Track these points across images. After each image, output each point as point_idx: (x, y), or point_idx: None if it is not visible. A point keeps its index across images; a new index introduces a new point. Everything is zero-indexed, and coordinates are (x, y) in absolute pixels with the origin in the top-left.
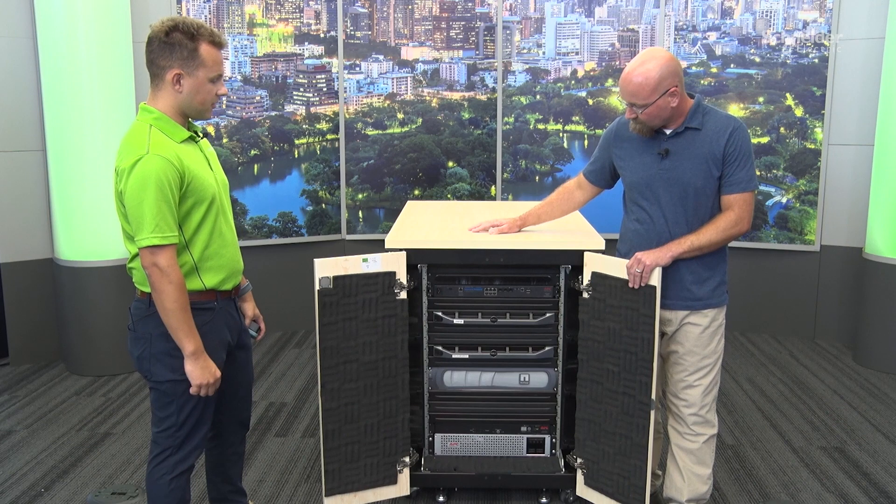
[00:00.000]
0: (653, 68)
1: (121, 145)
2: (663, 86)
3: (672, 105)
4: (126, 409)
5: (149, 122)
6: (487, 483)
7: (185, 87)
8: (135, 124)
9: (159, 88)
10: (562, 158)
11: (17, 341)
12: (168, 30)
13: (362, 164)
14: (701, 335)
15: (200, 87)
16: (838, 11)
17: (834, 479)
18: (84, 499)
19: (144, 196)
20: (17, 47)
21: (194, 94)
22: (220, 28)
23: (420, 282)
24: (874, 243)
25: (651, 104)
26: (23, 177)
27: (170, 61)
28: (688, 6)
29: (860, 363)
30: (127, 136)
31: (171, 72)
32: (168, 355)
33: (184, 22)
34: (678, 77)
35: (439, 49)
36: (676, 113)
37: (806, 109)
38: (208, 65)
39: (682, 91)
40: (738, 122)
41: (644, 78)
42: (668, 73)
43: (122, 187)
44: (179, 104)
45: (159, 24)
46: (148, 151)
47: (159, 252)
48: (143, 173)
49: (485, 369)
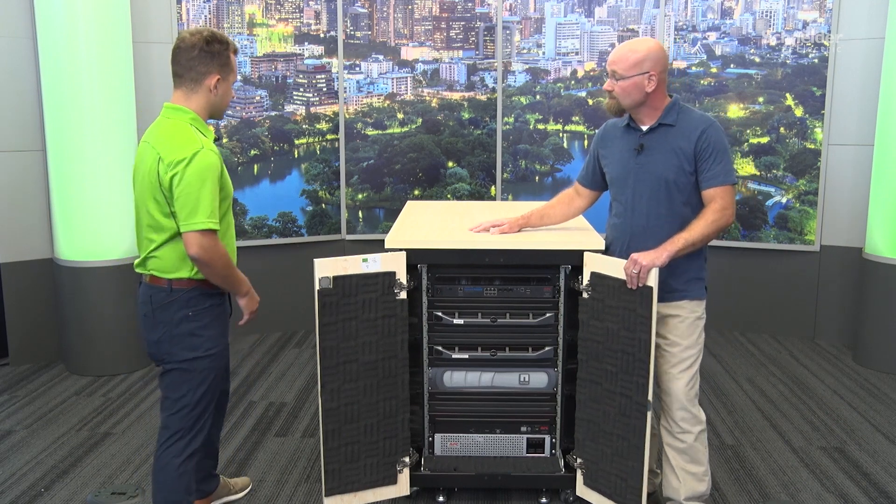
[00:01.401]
0: (642, 47)
1: (165, 140)
2: (644, 66)
3: (646, 90)
4: (126, 409)
5: (187, 121)
6: (487, 483)
7: (220, 91)
8: (174, 122)
9: (194, 91)
10: (562, 158)
11: (17, 341)
12: (208, 39)
13: (362, 164)
14: (680, 325)
15: (228, 91)
16: (838, 11)
17: (834, 479)
18: (84, 499)
19: (203, 186)
20: (17, 47)
21: (223, 97)
22: (221, 28)
23: (420, 282)
24: (874, 243)
25: (628, 78)
26: (23, 177)
27: (210, 67)
28: (688, 6)
29: (860, 363)
30: (170, 132)
31: (212, 77)
32: (190, 335)
33: (217, 33)
34: (661, 67)
35: (439, 49)
36: (651, 106)
37: (806, 109)
38: (234, 71)
39: (662, 84)
40: (711, 120)
41: (631, 51)
42: (653, 58)
43: (177, 177)
44: (210, 105)
45: (196, 34)
46: (203, 147)
47: (211, 234)
48: (203, 165)
49: (485, 369)
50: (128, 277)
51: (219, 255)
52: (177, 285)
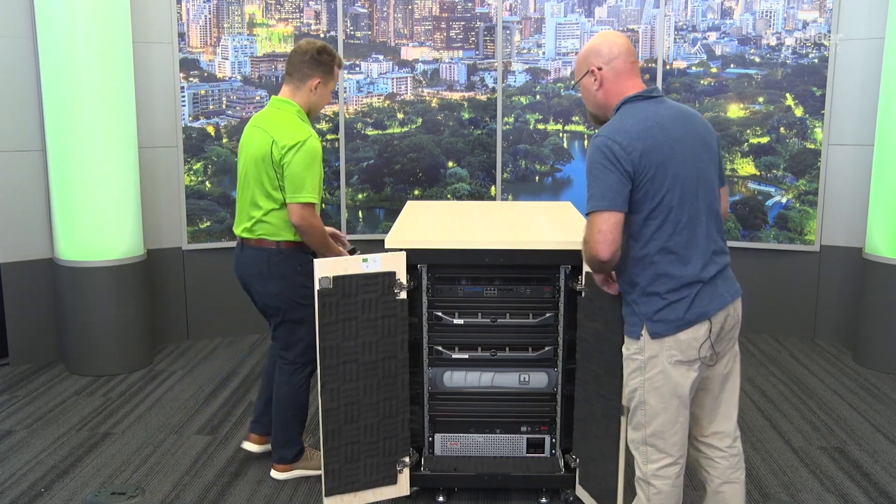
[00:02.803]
0: (586, 44)
1: (278, 127)
2: (586, 63)
3: (594, 90)
4: (126, 409)
5: (293, 112)
6: (487, 483)
7: (318, 93)
8: (283, 112)
9: (299, 89)
10: (562, 158)
11: (17, 341)
12: (320, 50)
13: (362, 164)
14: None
15: (325, 95)
16: (838, 11)
17: (834, 479)
18: (84, 499)
19: (309, 167)
20: (17, 47)
21: (320, 99)
22: (220, 28)
23: (420, 282)
24: (874, 243)
25: (579, 84)
26: (23, 177)
27: (315, 72)
28: (688, 6)
29: (860, 363)
30: (282, 120)
31: (314, 80)
32: (302, 286)
33: (328, 47)
34: (607, 58)
35: (439, 49)
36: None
37: (806, 109)
38: (336, 80)
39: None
40: (599, 134)
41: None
42: (592, 52)
43: (288, 158)
44: (310, 104)
45: (311, 44)
46: (311, 135)
47: (310, 207)
48: (311, 149)
49: (485, 369)
50: (128, 277)
51: (314, 225)
52: (284, 246)
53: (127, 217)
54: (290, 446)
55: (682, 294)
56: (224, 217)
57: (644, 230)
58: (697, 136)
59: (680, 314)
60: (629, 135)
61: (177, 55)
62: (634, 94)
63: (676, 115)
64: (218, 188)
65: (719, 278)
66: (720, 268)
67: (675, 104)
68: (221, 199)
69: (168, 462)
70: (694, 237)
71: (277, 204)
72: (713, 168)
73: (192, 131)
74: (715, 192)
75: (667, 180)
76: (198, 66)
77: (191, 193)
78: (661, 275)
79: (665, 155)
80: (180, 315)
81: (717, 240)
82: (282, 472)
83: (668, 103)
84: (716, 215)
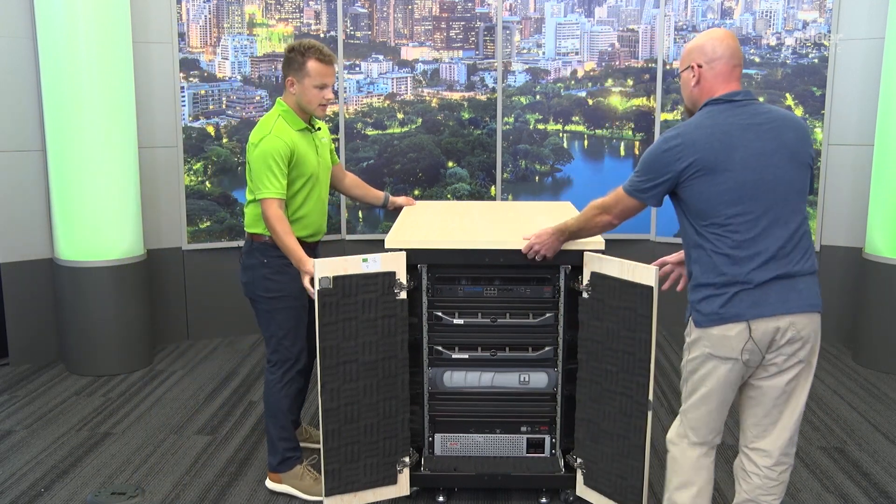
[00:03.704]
0: (695, 38)
1: (257, 125)
2: (689, 58)
3: (691, 85)
4: (126, 409)
5: (278, 112)
6: (487, 483)
7: (296, 91)
8: (271, 112)
9: (286, 90)
10: (562, 158)
11: (17, 341)
12: (288, 48)
13: (362, 164)
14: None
15: (307, 92)
16: (838, 11)
17: (834, 479)
18: (84, 499)
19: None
20: (17, 47)
21: (303, 97)
22: (220, 28)
23: (420, 282)
24: (874, 243)
25: (679, 75)
26: (23, 177)
27: (287, 71)
28: (688, 6)
29: (860, 363)
30: (263, 120)
31: (288, 79)
32: (266, 279)
33: (301, 43)
34: (711, 58)
35: (439, 49)
36: (696, 103)
37: (806, 109)
38: (312, 75)
39: (713, 80)
40: (672, 128)
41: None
42: (697, 49)
43: (248, 156)
44: (296, 102)
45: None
46: (270, 133)
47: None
48: (265, 148)
49: (485, 369)
50: (128, 277)
51: (269, 218)
52: (255, 238)
53: (127, 217)
54: (272, 452)
55: (721, 291)
56: (224, 217)
57: (703, 229)
58: (779, 144)
59: (715, 308)
60: (689, 137)
61: (177, 55)
62: (717, 98)
63: (754, 122)
64: (218, 188)
65: (775, 285)
66: (776, 275)
67: (765, 110)
68: (221, 199)
69: (168, 462)
70: (753, 242)
71: (251, 197)
72: (797, 176)
73: (192, 131)
74: (791, 200)
75: (721, 185)
76: (198, 66)
77: (191, 193)
78: (710, 270)
79: (720, 161)
80: (180, 315)
81: (786, 248)
82: (273, 481)
83: (752, 109)
84: (788, 224)
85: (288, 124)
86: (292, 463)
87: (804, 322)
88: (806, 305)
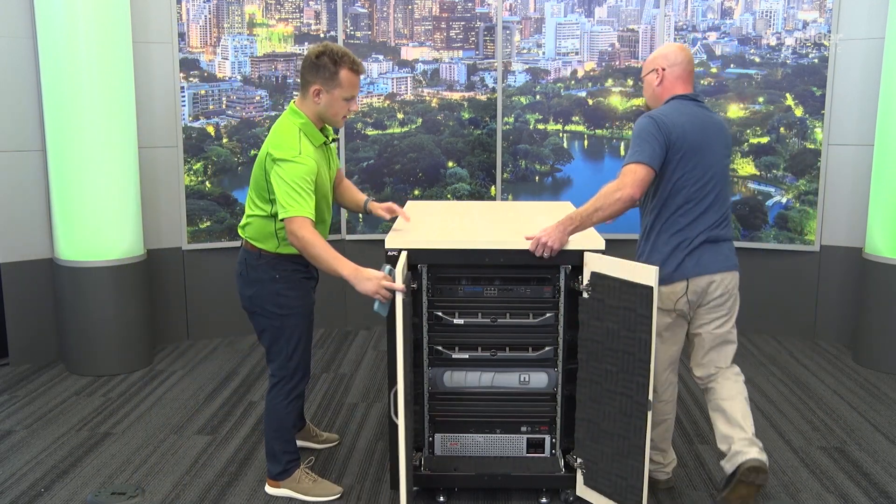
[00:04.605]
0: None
1: (276, 137)
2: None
3: (654, 85)
4: (126, 409)
5: (297, 125)
6: (487, 483)
7: (322, 101)
8: (286, 122)
9: (305, 98)
10: (562, 158)
11: (17, 341)
12: (318, 53)
13: (362, 164)
14: None
15: (334, 104)
16: (838, 11)
17: (834, 479)
18: (84, 499)
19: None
20: (17, 47)
21: (328, 109)
22: (220, 28)
23: (420, 282)
24: (874, 243)
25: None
26: (23, 177)
27: (315, 78)
28: (688, 6)
29: (860, 363)
30: (282, 131)
31: (313, 86)
32: (279, 294)
33: (332, 49)
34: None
35: (439, 49)
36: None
37: (806, 109)
38: (344, 86)
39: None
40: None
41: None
42: (661, 56)
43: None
44: (317, 113)
45: (315, 47)
46: (300, 154)
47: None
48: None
49: (485, 369)
50: (128, 277)
51: (300, 238)
52: (265, 253)
53: (127, 217)
54: (273, 462)
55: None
56: (224, 217)
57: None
58: (723, 138)
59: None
60: (672, 118)
61: (177, 55)
62: (682, 95)
63: (710, 118)
64: (218, 188)
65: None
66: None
67: (710, 111)
68: (221, 199)
69: (168, 462)
70: (704, 214)
71: (262, 213)
72: (728, 165)
73: (192, 131)
74: (728, 185)
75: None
76: (198, 66)
77: (191, 193)
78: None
79: (698, 143)
80: (180, 315)
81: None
82: (271, 486)
83: (706, 109)
84: (726, 201)
85: (310, 142)
86: (292, 470)
87: (725, 277)
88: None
